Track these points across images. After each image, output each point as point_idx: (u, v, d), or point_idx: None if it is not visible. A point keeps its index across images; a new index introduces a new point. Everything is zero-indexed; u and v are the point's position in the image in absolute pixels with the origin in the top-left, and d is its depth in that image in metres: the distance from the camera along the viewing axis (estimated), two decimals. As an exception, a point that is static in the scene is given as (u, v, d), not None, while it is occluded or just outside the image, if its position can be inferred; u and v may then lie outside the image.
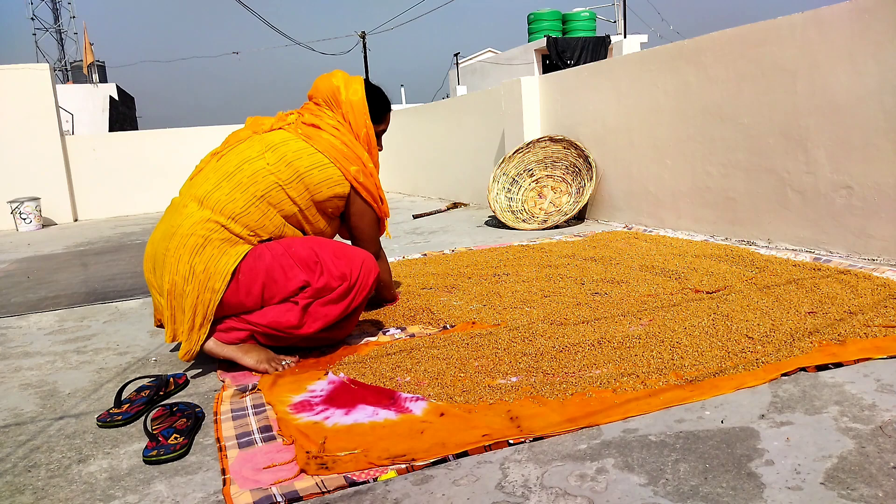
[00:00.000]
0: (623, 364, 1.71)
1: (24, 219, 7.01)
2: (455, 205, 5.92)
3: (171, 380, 1.82)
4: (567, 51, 12.85)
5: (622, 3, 18.04)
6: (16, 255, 5.02)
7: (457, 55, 19.95)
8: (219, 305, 1.88)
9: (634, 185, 4.02)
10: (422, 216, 5.43)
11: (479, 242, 3.87)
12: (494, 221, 4.66)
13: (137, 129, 15.83)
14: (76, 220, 7.73)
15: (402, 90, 21.92)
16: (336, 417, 1.53)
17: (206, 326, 1.87)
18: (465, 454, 1.31)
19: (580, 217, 4.45)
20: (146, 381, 1.83)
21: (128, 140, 8.42)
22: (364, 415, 1.53)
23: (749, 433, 1.32)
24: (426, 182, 7.19)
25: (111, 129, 16.39)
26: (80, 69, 21.83)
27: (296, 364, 1.92)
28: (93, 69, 18.91)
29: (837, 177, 2.78)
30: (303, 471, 1.28)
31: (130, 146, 8.18)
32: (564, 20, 14.70)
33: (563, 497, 1.15)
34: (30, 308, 3.05)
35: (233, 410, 1.62)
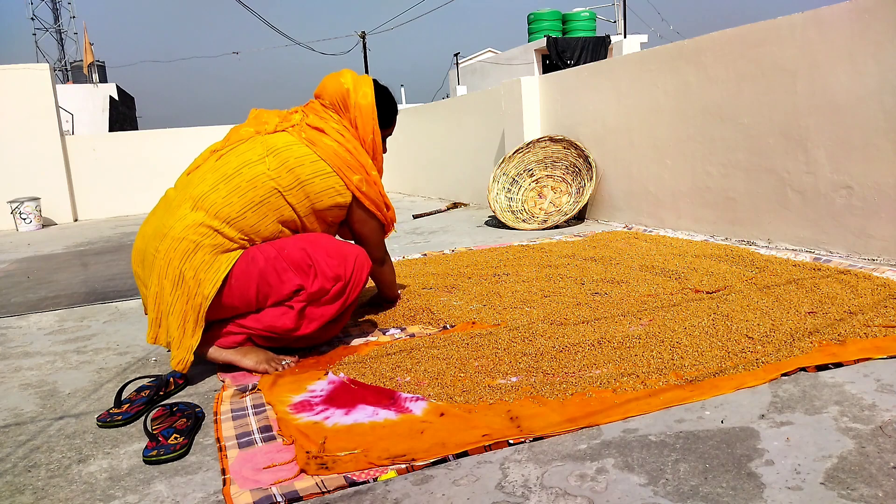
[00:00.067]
0: (623, 364, 1.71)
1: (24, 219, 7.01)
2: (455, 205, 5.92)
3: (171, 380, 1.82)
4: (567, 51, 12.85)
5: (622, 3, 18.05)
6: (16, 255, 5.02)
7: (457, 55, 19.94)
8: (211, 310, 1.84)
9: (634, 185, 4.02)
10: (422, 216, 5.43)
11: (479, 242, 3.87)
12: (494, 221, 4.66)
13: (137, 129, 15.84)
14: (76, 220, 7.73)
15: (402, 90, 21.93)
16: (336, 417, 1.53)
17: (199, 333, 1.82)
18: (465, 454, 1.31)
19: (580, 217, 4.45)
20: (146, 381, 1.82)
21: (128, 140, 8.42)
22: (364, 415, 1.53)
23: (749, 433, 1.32)
24: (426, 182, 7.19)
25: (111, 129, 16.38)
26: (80, 69, 21.84)
27: (295, 364, 1.92)
28: (93, 69, 18.91)
29: (837, 177, 2.78)
30: (303, 471, 1.28)
31: (130, 146, 8.18)
32: (564, 20, 14.69)
33: (563, 497, 1.15)
34: (30, 308, 3.05)
35: (233, 410, 1.62)
